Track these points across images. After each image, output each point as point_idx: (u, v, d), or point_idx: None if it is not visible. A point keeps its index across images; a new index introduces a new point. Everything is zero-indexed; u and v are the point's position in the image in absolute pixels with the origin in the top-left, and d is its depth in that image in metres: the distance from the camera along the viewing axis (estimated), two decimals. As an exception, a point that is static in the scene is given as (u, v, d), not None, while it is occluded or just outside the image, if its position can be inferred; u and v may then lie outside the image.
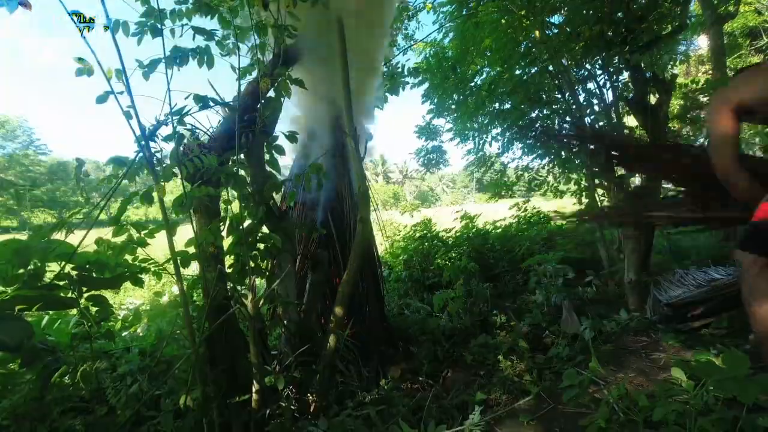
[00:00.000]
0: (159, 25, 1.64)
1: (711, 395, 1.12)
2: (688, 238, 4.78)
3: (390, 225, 6.55)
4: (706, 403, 1.14)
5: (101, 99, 1.36)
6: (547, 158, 4.68)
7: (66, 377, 1.72)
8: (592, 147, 2.46)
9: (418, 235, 5.23)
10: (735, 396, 1.08)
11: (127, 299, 5.44)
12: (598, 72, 3.93)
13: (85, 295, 1.56)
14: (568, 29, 3.68)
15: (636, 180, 3.84)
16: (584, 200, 4.68)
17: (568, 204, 5.36)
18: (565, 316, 2.76)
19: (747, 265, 1.10)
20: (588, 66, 3.99)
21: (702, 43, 9.37)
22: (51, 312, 2.26)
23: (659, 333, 2.34)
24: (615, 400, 1.39)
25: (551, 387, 1.86)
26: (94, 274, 1.55)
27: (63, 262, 1.45)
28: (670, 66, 4.54)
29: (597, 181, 3.85)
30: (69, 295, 1.49)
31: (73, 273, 1.49)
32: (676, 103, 5.57)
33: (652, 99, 3.60)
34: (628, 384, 1.55)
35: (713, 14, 4.42)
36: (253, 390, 1.63)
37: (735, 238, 4.05)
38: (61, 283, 1.47)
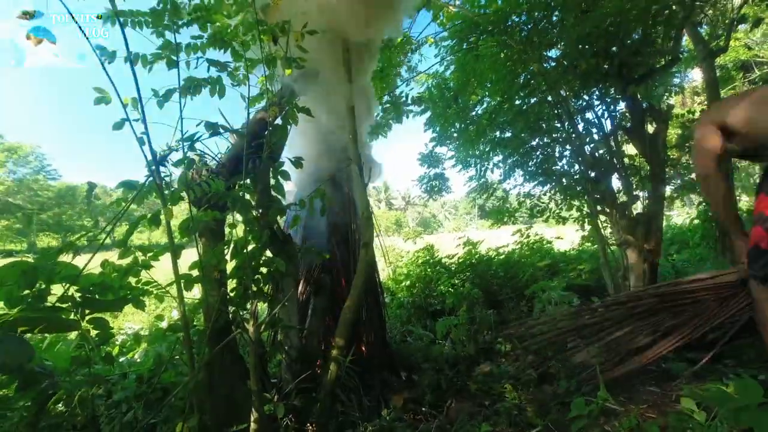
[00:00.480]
0: (175, 58, 1.73)
1: (725, 426, 1.08)
2: (693, 264, 4.73)
3: (393, 251, 6.54)
4: (720, 434, 1.10)
5: (118, 126, 1.42)
6: (548, 185, 4.72)
7: (60, 404, 1.69)
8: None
9: (421, 261, 5.21)
10: (750, 428, 1.04)
11: (126, 324, 5.38)
12: (596, 102, 4.04)
13: (87, 317, 1.55)
14: (565, 62, 3.82)
15: (638, 207, 3.85)
16: (587, 227, 4.69)
17: (571, 231, 5.35)
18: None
19: (758, 294, 1.11)
20: (586, 97, 4.11)
21: (696, 75, 9.66)
22: (50, 335, 2.24)
23: (669, 361, 2.27)
24: (626, 431, 1.34)
25: (559, 419, 1.80)
26: (97, 297, 1.55)
27: (67, 284, 1.46)
28: (665, 97, 4.66)
29: (599, 208, 3.86)
30: (71, 316, 1.49)
31: (77, 295, 1.50)
32: (674, 133, 5.68)
33: (650, 128, 3.68)
34: (639, 415, 1.50)
35: (705, 49, 4.58)
36: (252, 419, 1.59)
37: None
38: (65, 305, 1.47)
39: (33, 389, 1.43)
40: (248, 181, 2.02)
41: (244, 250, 1.74)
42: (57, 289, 1.47)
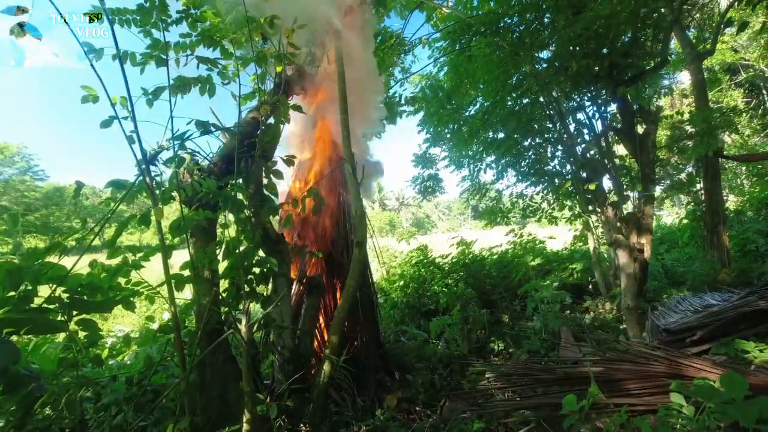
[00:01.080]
0: (164, 56, 1.71)
1: (712, 420, 1.10)
2: (682, 263, 4.80)
3: (386, 252, 6.53)
4: (708, 428, 1.12)
5: (106, 124, 1.40)
6: (540, 185, 4.76)
7: (47, 407, 1.65)
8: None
9: (414, 261, 5.21)
10: (737, 421, 1.06)
11: (116, 326, 5.30)
12: (587, 103, 4.09)
13: (75, 318, 1.52)
14: (556, 64, 3.86)
15: (629, 206, 3.90)
16: (578, 226, 4.74)
17: (563, 231, 5.40)
18: (563, 343, 2.72)
19: None
20: (577, 98, 4.15)
21: (684, 77, 9.85)
22: (36, 336, 2.19)
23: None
24: (617, 427, 1.36)
25: (552, 415, 1.81)
26: (85, 297, 1.53)
27: (54, 285, 1.43)
28: (655, 99, 4.73)
29: (590, 208, 3.90)
30: (59, 318, 1.46)
31: (64, 296, 1.47)
32: (663, 134, 5.77)
33: (640, 129, 3.73)
34: (628, 410, 1.51)
35: (692, 51, 4.67)
36: (244, 419, 1.57)
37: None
38: (52, 306, 1.44)
39: (19, 392, 1.40)
40: (240, 180, 2.01)
41: (237, 250, 1.72)
42: (45, 291, 1.44)
